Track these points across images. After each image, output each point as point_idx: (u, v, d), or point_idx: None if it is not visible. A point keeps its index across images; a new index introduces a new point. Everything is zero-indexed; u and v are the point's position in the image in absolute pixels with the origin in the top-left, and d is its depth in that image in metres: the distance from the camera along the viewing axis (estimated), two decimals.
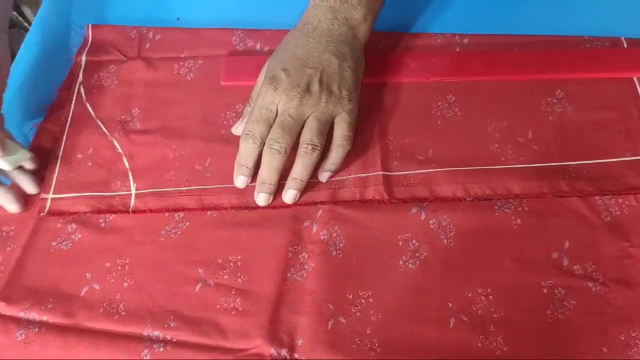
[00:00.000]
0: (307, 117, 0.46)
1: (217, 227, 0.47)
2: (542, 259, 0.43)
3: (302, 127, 0.46)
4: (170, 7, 0.62)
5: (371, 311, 0.42)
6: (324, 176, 0.48)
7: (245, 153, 0.47)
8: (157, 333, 0.42)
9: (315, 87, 0.46)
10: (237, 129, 0.51)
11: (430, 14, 0.58)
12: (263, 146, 0.46)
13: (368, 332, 0.41)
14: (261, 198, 0.47)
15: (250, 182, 0.48)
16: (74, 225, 0.48)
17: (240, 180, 0.48)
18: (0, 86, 0.51)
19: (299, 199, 0.47)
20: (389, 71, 0.53)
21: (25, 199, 0.49)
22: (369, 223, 0.46)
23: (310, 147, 0.45)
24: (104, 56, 0.57)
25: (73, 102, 0.55)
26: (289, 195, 0.47)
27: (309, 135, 0.46)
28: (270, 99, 0.46)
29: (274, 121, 0.46)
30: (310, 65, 0.47)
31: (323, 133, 0.46)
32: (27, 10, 0.86)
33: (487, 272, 0.43)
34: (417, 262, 0.44)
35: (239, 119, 0.52)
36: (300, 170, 0.46)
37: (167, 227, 0.47)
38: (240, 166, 0.47)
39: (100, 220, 0.48)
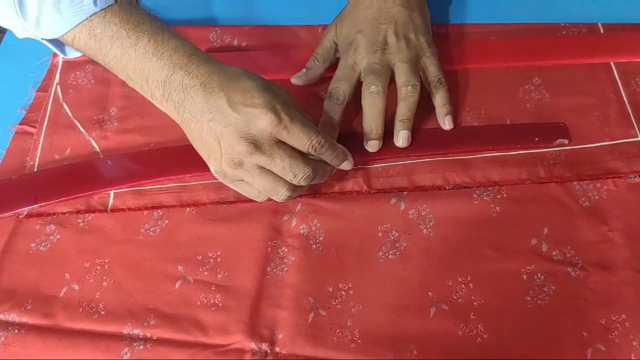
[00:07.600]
0: (394, 65, 0.48)
1: (196, 223, 0.47)
2: (522, 245, 0.43)
3: (391, 75, 0.48)
4: (148, 5, 0.61)
5: (351, 303, 0.42)
6: (448, 119, 0.48)
7: (330, 110, 0.47)
8: (137, 331, 0.42)
9: (392, 38, 0.48)
10: (296, 79, 0.52)
11: None
12: (346, 106, 0.47)
13: (349, 324, 0.41)
14: (372, 145, 0.47)
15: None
16: (52, 226, 0.47)
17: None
18: None
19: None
20: None
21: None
22: (348, 215, 0.46)
23: (410, 86, 0.46)
24: (80, 56, 0.57)
25: (50, 103, 0.54)
26: (402, 136, 0.47)
27: (404, 77, 0.47)
28: (353, 59, 0.48)
29: (357, 79, 0.48)
30: (383, 22, 0.49)
31: (416, 72, 0.48)
32: None
33: (467, 260, 0.43)
34: (397, 253, 0.44)
35: None
36: (405, 110, 0.47)
37: (146, 225, 0.47)
38: (324, 124, 0.47)
39: (79, 221, 0.48)
